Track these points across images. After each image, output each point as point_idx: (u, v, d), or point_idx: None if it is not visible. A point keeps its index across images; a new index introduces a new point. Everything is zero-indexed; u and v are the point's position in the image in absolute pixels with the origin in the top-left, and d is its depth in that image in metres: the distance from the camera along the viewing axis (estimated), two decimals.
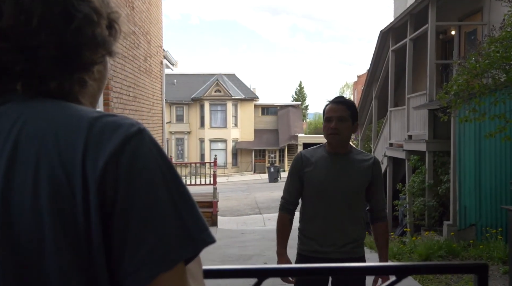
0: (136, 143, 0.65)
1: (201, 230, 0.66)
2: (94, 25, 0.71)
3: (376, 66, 12.84)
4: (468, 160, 7.54)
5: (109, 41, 0.75)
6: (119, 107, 7.38)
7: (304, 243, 2.63)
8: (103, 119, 0.66)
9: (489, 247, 6.69)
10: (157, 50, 11.13)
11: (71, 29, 0.69)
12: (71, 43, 0.69)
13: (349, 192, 2.54)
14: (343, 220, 2.55)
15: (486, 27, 8.73)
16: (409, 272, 1.12)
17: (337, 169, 2.56)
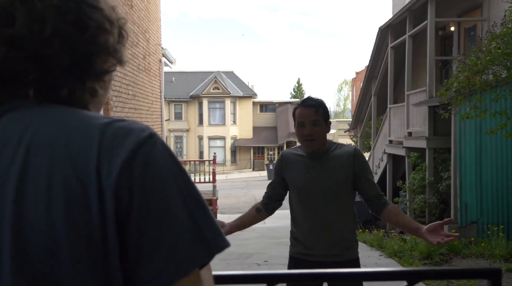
0: (148, 149, 0.64)
1: (215, 235, 0.66)
2: (107, 34, 0.71)
3: (375, 63, 12.82)
4: (469, 156, 7.52)
5: (119, 49, 0.75)
6: (118, 106, 7.34)
7: (294, 245, 2.59)
8: (113, 125, 0.65)
9: (490, 245, 6.67)
10: (155, 48, 11.08)
11: (85, 38, 0.68)
12: (84, 52, 0.68)
13: (331, 190, 2.45)
14: (328, 221, 2.46)
15: (485, 23, 8.70)
16: (420, 278, 1.09)
17: (316, 169, 2.48)
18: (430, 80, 8.87)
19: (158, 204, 0.63)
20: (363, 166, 2.49)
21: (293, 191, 2.56)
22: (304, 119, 2.46)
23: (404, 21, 10.28)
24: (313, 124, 2.45)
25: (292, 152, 2.62)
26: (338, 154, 2.49)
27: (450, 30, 10.52)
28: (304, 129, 2.45)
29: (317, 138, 2.45)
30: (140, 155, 0.63)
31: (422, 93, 9.28)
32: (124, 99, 7.74)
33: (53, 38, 0.66)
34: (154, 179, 0.63)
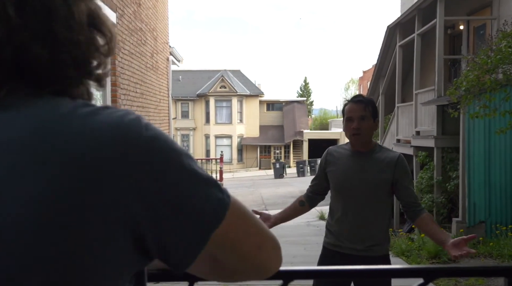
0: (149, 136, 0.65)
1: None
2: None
3: (383, 61, 12.77)
4: (478, 156, 7.48)
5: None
6: (126, 104, 7.37)
7: (327, 236, 2.71)
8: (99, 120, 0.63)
9: (499, 244, 6.63)
10: (163, 46, 11.10)
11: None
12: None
13: (369, 189, 2.53)
14: (361, 218, 2.55)
15: (495, 22, 8.64)
16: (437, 275, 1.09)
17: (357, 167, 2.58)
18: (439, 79, 8.82)
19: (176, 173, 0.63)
20: (403, 174, 2.56)
21: (333, 185, 2.67)
22: (353, 114, 2.55)
23: (413, 19, 10.23)
24: (361, 119, 2.54)
25: (337, 149, 2.73)
26: (381, 156, 2.58)
27: (459, 29, 10.45)
28: (352, 123, 2.55)
29: (364, 133, 2.54)
30: (142, 142, 0.63)
31: (431, 92, 9.24)
32: (132, 97, 7.77)
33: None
34: (164, 155, 0.64)
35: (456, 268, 1.09)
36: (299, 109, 37.63)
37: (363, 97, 2.64)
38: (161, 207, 0.61)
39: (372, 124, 2.57)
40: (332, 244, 2.64)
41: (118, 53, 6.95)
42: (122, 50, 7.19)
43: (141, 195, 0.60)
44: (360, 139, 2.56)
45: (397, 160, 2.54)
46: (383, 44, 12.25)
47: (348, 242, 2.57)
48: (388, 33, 11.78)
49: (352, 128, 2.54)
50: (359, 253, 2.54)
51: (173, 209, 0.62)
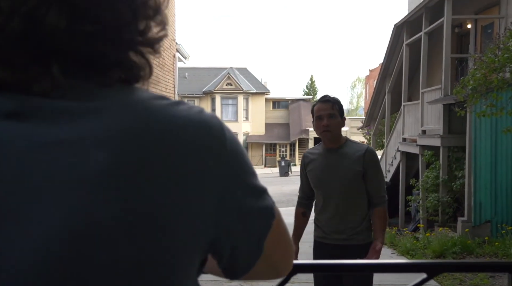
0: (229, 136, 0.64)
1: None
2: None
3: (390, 60, 12.72)
4: (484, 155, 7.44)
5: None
6: None
7: (316, 230, 2.95)
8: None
9: (504, 244, 6.61)
10: (170, 43, 11.13)
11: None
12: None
13: (343, 182, 2.77)
14: (341, 208, 2.79)
15: (503, 21, 8.58)
16: (440, 270, 1.09)
17: (331, 162, 2.82)
18: (446, 78, 8.78)
19: (244, 177, 0.62)
20: (372, 164, 2.81)
21: (312, 183, 2.92)
22: (322, 113, 2.81)
23: (420, 18, 10.18)
24: (330, 117, 2.79)
25: (311, 150, 3.03)
26: (352, 150, 2.83)
27: (467, 28, 10.40)
28: (322, 121, 2.80)
29: (333, 129, 2.79)
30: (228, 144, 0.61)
31: (437, 91, 9.20)
32: None
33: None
34: (239, 154, 0.62)
35: (460, 263, 1.10)
36: (305, 107, 37.57)
37: (330, 97, 2.88)
38: (235, 210, 0.60)
39: (340, 121, 2.83)
40: (320, 236, 2.89)
41: None
42: None
43: (222, 195, 0.58)
44: (330, 136, 2.80)
45: (365, 152, 2.78)
46: (389, 42, 12.20)
47: (332, 233, 2.83)
48: (395, 31, 11.73)
49: (322, 125, 2.78)
50: (344, 242, 2.79)
51: (242, 214, 0.61)
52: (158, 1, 0.60)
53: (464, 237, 7.09)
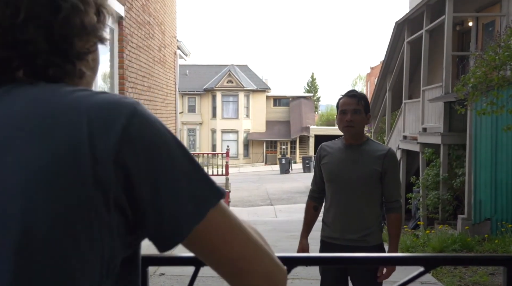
0: (141, 116, 0.67)
1: (215, 184, 0.71)
2: (82, 14, 0.70)
3: (391, 58, 12.72)
4: (484, 153, 7.45)
5: (98, 28, 0.75)
6: (134, 97, 7.39)
7: (323, 229, 2.83)
8: (99, 97, 0.67)
9: (504, 242, 6.62)
10: (171, 40, 11.13)
11: (59, 20, 0.68)
12: (60, 34, 0.69)
13: (359, 181, 2.65)
14: (353, 208, 2.67)
15: (504, 19, 8.58)
16: (437, 263, 1.11)
17: (349, 159, 2.70)
18: (447, 76, 8.78)
19: (165, 158, 0.66)
20: (392, 167, 2.68)
21: (326, 176, 2.81)
22: (347, 107, 2.70)
23: (421, 15, 10.17)
24: (354, 112, 2.68)
25: (330, 143, 2.88)
26: (372, 149, 2.72)
27: (468, 26, 10.39)
28: (346, 116, 2.69)
29: (357, 125, 2.68)
30: (136, 121, 0.66)
31: (438, 89, 9.20)
32: (139, 91, 7.81)
33: (28, 22, 0.67)
34: (154, 137, 0.66)
35: (456, 256, 1.11)
36: (305, 105, 37.56)
37: (356, 92, 2.77)
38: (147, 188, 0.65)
39: (364, 118, 2.72)
40: (328, 236, 2.77)
41: (126, 47, 6.98)
42: (130, 43, 7.23)
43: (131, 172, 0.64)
44: (353, 132, 2.68)
45: (386, 153, 2.67)
46: (391, 40, 12.20)
47: (342, 233, 2.71)
48: (396, 29, 11.73)
49: (346, 120, 2.67)
50: (354, 243, 2.67)
51: (157, 194, 0.65)
52: (85, 21, 0.71)
53: (464, 234, 7.10)
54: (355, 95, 2.73)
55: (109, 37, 6.64)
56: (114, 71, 6.75)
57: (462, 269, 5.97)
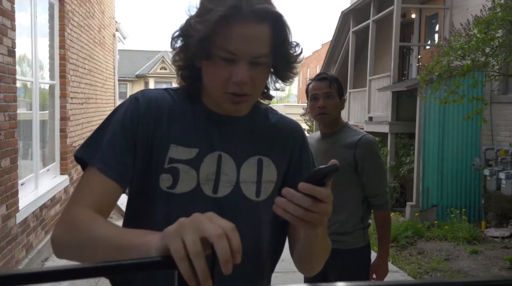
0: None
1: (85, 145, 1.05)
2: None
3: (335, 47, 12.80)
4: (432, 141, 7.65)
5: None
6: (75, 81, 6.80)
7: None
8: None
9: (453, 228, 6.83)
10: (110, 21, 10.44)
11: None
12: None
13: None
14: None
15: (448, 12, 8.83)
16: None
17: (322, 150, 2.40)
18: (395, 66, 8.92)
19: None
20: (368, 157, 2.35)
21: None
22: (317, 91, 2.38)
23: (368, 6, 10.26)
24: (327, 97, 2.36)
25: (311, 136, 2.56)
26: (346, 137, 2.39)
27: (411, 17, 10.64)
28: (317, 102, 2.37)
29: (331, 112, 2.37)
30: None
31: (385, 78, 9.33)
32: (80, 73, 7.20)
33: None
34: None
35: None
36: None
37: (327, 74, 2.46)
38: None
39: (339, 103, 2.40)
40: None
41: (68, 25, 6.36)
42: (72, 21, 6.60)
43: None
44: (327, 119, 2.38)
45: (358, 141, 2.33)
46: (336, 29, 12.26)
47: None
48: (341, 18, 11.79)
49: (318, 107, 2.35)
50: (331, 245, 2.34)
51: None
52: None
53: (415, 221, 7.26)
54: (326, 78, 2.40)
55: (49, 13, 6.00)
56: (55, 52, 6.12)
57: (418, 256, 6.08)
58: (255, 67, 0.98)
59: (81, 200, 0.93)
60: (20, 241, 4.37)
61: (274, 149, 1.12)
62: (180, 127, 1.05)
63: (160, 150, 1.03)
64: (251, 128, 1.11)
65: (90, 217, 0.88)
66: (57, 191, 5.67)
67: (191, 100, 1.10)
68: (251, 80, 0.98)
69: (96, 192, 0.94)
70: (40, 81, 5.56)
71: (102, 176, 0.96)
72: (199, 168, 1.04)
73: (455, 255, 6.01)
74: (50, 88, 6.11)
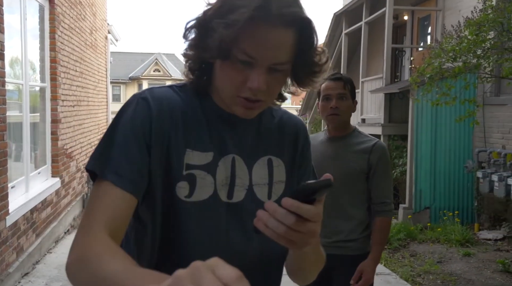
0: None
1: (94, 156, 0.95)
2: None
3: (328, 49, 12.76)
4: (425, 144, 7.66)
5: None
6: (66, 83, 6.75)
7: None
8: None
9: (446, 230, 6.83)
10: (101, 23, 10.39)
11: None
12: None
13: (341, 180, 2.28)
14: (335, 212, 2.34)
15: (440, 13, 8.86)
16: None
17: (331, 153, 2.37)
18: (387, 68, 8.93)
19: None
20: (380, 163, 2.33)
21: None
22: (331, 92, 2.34)
23: (360, 7, 10.27)
24: (340, 97, 2.33)
25: (314, 136, 2.49)
26: (357, 142, 2.36)
27: (403, 19, 10.66)
28: (330, 103, 2.34)
29: (343, 113, 2.34)
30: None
31: (378, 80, 9.34)
32: (72, 76, 7.15)
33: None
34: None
35: None
36: None
37: (341, 74, 2.43)
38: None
39: (351, 105, 2.38)
40: None
41: (58, 27, 6.32)
42: (62, 24, 6.56)
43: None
44: (338, 121, 2.35)
45: (373, 147, 2.32)
46: (328, 31, 12.26)
47: (323, 239, 2.31)
48: (334, 20, 11.79)
49: (330, 108, 2.33)
50: (336, 251, 2.33)
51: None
52: None
53: (407, 223, 7.26)
54: (340, 78, 2.36)
55: (39, 15, 5.96)
56: (45, 54, 6.08)
57: (410, 259, 6.07)
58: (273, 74, 0.92)
59: (94, 222, 0.85)
60: (10, 244, 4.32)
61: (282, 147, 1.08)
62: (194, 130, 0.98)
63: (176, 155, 0.95)
64: (258, 128, 1.06)
65: (102, 246, 0.80)
66: (48, 193, 5.62)
67: (200, 97, 1.02)
68: (267, 87, 0.92)
69: (111, 210, 0.86)
70: (30, 83, 5.51)
71: (117, 189, 0.87)
72: (215, 172, 0.98)
73: (448, 257, 6.00)
74: (41, 91, 6.06)
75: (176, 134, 0.96)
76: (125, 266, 0.74)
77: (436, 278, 5.25)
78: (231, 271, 0.54)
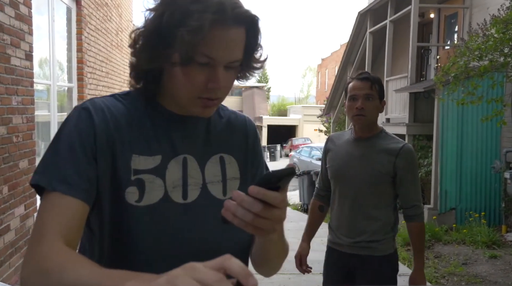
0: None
1: (39, 169, 0.93)
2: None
3: (352, 48, 12.71)
4: (451, 144, 7.54)
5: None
6: (92, 83, 6.89)
7: (329, 233, 2.49)
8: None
9: (472, 231, 6.71)
10: (127, 24, 10.55)
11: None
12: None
13: (366, 181, 2.28)
14: (360, 212, 2.32)
15: (467, 11, 8.70)
16: None
17: (357, 154, 2.32)
18: (412, 67, 8.82)
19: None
20: (407, 166, 2.27)
21: (330, 174, 2.43)
22: (358, 92, 2.28)
23: (385, 6, 10.17)
24: (366, 98, 2.26)
25: (339, 135, 2.48)
26: (385, 144, 2.30)
27: (429, 17, 10.50)
28: (356, 103, 2.28)
29: (368, 114, 2.27)
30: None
31: (403, 79, 9.23)
32: (98, 76, 7.29)
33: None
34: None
35: None
36: (258, 94, 37.50)
37: (369, 74, 2.35)
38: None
39: (378, 105, 2.30)
40: (333, 242, 2.44)
41: (85, 28, 6.46)
42: (89, 25, 6.70)
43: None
44: (364, 121, 2.28)
45: (400, 150, 2.26)
46: (353, 30, 12.17)
47: (347, 239, 2.35)
48: (358, 19, 11.70)
49: (356, 108, 2.27)
50: (361, 251, 2.31)
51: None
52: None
53: (432, 224, 7.16)
54: (367, 78, 2.29)
55: (67, 17, 6.10)
56: (72, 55, 6.22)
57: (435, 260, 5.98)
58: (228, 71, 0.95)
59: (47, 232, 0.83)
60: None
61: (233, 145, 1.11)
62: (140, 135, 0.99)
63: (122, 162, 0.95)
64: (208, 128, 1.08)
65: (60, 255, 0.79)
66: None
67: (146, 103, 1.03)
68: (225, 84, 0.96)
69: (63, 219, 0.85)
70: (58, 84, 5.65)
71: (67, 197, 0.86)
72: (164, 175, 0.98)
73: (473, 259, 5.90)
74: (68, 91, 6.20)
75: (121, 141, 0.96)
76: (90, 270, 0.74)
77: (460, 280, 5.16)
78: (212, 274, 0.55)
